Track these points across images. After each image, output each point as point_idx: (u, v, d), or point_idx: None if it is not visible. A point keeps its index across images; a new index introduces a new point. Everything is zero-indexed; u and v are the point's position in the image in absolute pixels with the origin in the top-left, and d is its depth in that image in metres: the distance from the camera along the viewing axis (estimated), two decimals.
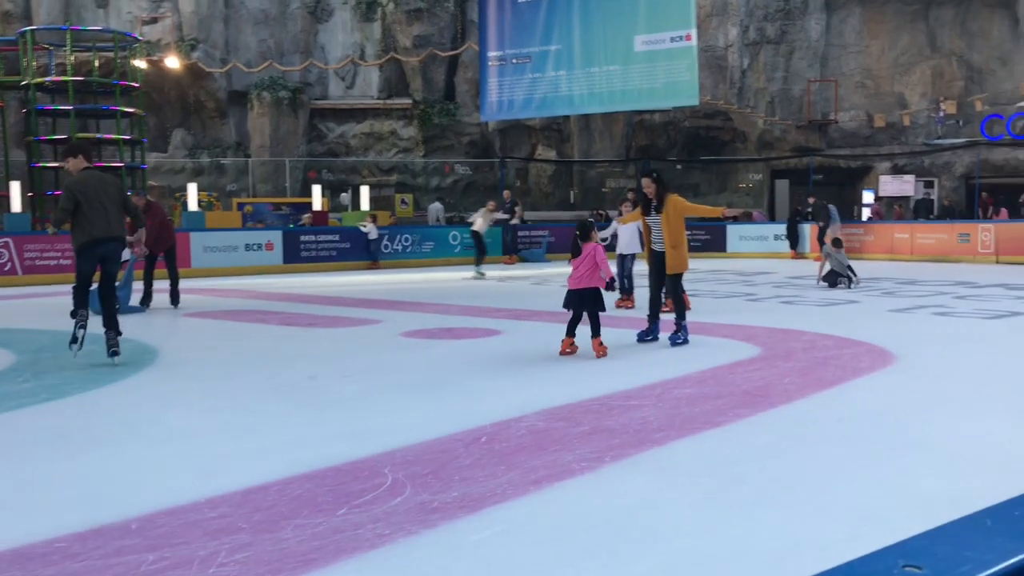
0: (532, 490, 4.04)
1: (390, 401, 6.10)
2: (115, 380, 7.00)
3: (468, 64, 30.24)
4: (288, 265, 20.32)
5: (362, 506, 3.80)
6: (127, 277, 11.99)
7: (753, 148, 30.59)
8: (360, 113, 31.67)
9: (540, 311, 11.61)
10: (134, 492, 4.10)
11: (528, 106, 24.08)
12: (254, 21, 30.88)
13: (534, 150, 31.49)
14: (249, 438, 5.13)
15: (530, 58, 23.46)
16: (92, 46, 26.04)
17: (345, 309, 12.27)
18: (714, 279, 16.78)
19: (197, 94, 30.18)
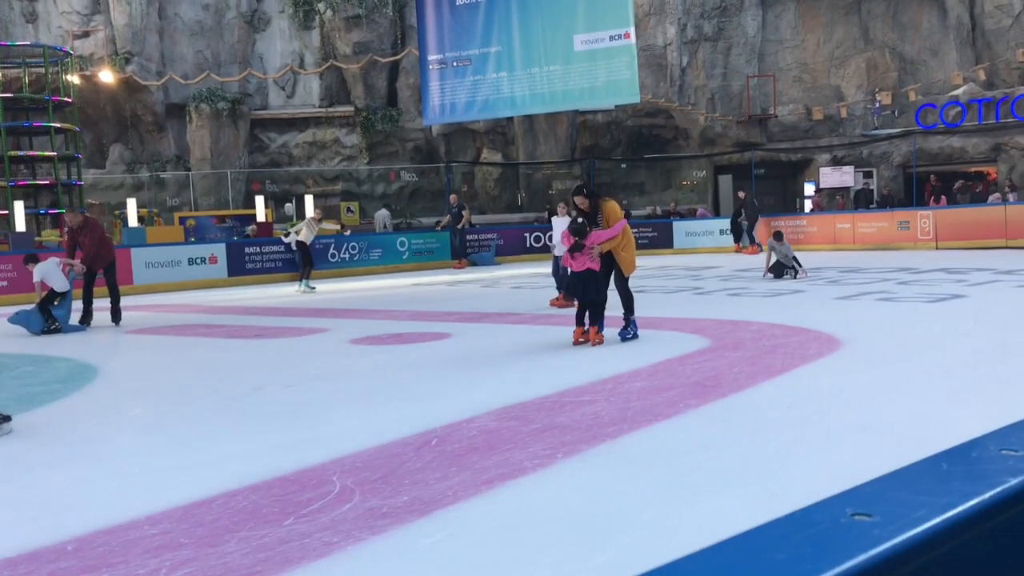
0: (484, 490, 3.97)
1: (338, 408, 5.99)
2: (52, 400, 6.77)
3: (409, 70, 30.09)
4: (233, 278, 19.98)
5: (309, 515, 3.70)
6: (67, 296, 11.75)
7: (696, 145, 30.90)
8: (302, 122, 31.33)
9: (490, 312, 11.57)
10: (70, 513, 3.94)
11: (470, 109, 24.03)
12: (189, 32, 30.39)
13: (479, 153, 31.44)
14: (192, 452, 4.98)
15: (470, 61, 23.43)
16: (22, 61, 25.43)
17: (293, 319, 12.09)
18: (662, 275, 16.88)
19: (134, 108, 29.59)
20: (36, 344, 10.44)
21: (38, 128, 24.38)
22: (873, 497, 0.96)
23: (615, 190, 29.85)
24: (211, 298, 16.52)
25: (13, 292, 17.13)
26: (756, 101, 30.44)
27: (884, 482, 1.01)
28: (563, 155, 30.90)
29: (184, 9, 30.27)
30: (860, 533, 0.87)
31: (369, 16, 29.91)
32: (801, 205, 29.53)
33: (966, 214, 21.93)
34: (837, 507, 0.94)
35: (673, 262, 21.00)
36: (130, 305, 15.61)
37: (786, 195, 31.59)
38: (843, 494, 0.98)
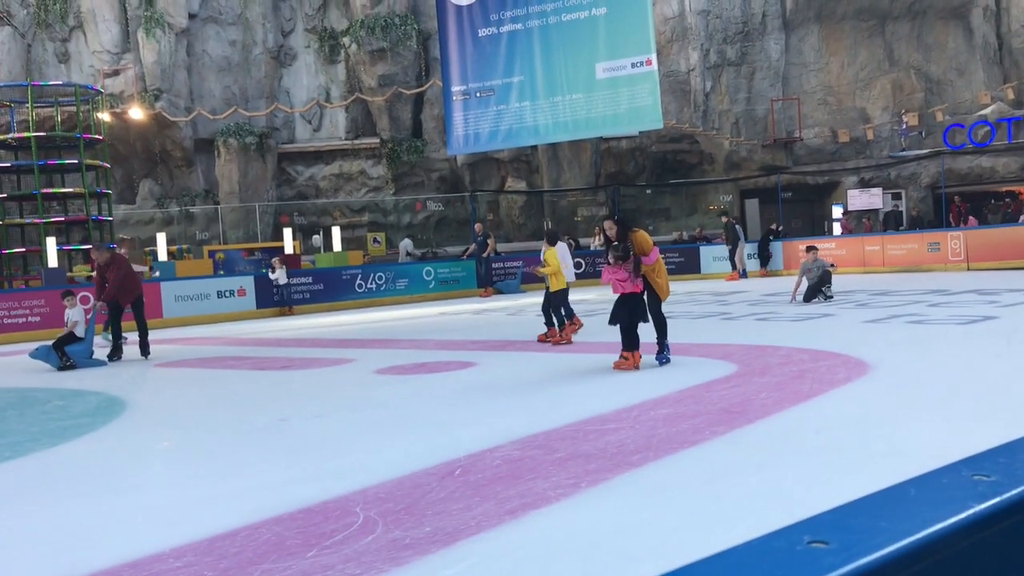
0: (507, 520, 3.94)
1: (363, 439, 5.99)
2: (81, 435, 6.83)
3: (433, 101, 30.36)
4: (261, 310, 20.14)
5: (332, 547, 3.69)
6: (88, 331, 11.83)
7: (721, 169, 30.85)
8: (328, 155, 31.66)
9: (515, 341, 11.55)
10: (97, 546, 3.96)
11: (494, 138, 24.16)
12: (217, 68, 30.89)
13: (504, 182, 31.57)
14: (217, 485, 5.00)
15: (493, 91, 23.58)
16: (54, 101, 25.95)
17: (319, 350, 12.14)
18: (689, 300, 16.79)
19: (163, 144, 30.07)
20: (65, 379, 10.55)
21: (70, 165, 24.82)
22: (832, 524, 0.95)
23: (640, 216, 29.84)
24: (239, 330, 16.65)
25: (46, 327, 17.37)
26: (781, 124, 30.37)
27: (846, 509, 1.00)
28: (587, 182, 30.95)
29: (212, 46, 30.80)
30: (813, 560, 0.86)
31: (393, 49, 30.26)
32: (829, 228, 29.32)
33: (997, 234, 21.64)
34: (795, 535, 0.93)
35: (700, 287, 20.89)
36: (160, 339, 15.78)
37: (814, 218, 31.40)
38: (802, 522, 0.97)
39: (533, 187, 31.39)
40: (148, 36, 28.94)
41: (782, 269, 24.10)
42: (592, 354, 9.67)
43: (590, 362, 9.09)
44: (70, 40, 30.13)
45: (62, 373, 11.14)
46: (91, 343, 11.90)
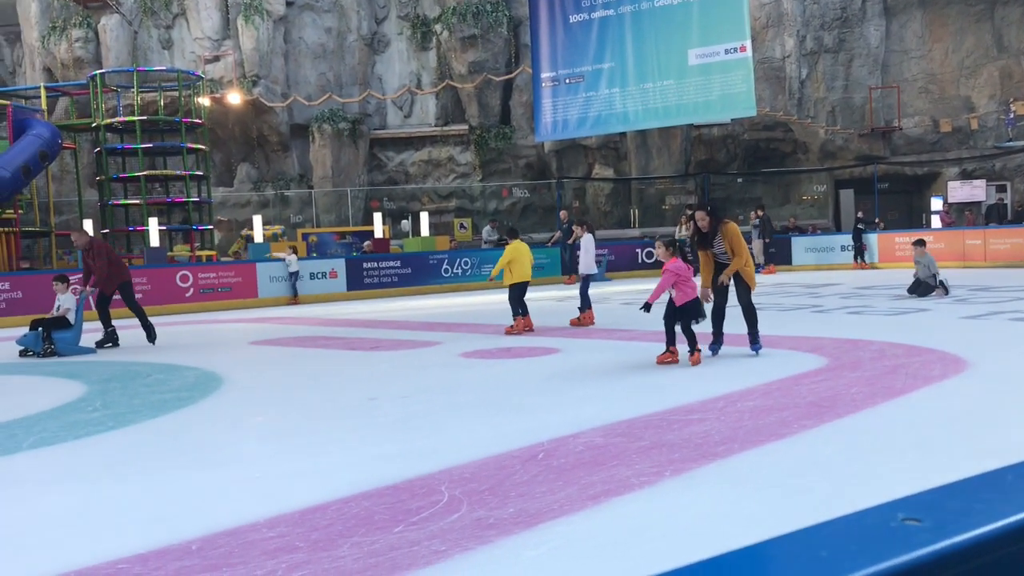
0: (589, 505, 3.98)
1: (448, 420, 6.09)
2: (180, 407, 7.13)
3: (523, 87, 30.40)
4: (352, 292, 20.57)
5: (418, 523, 3.78)
6: (78, 318, 11.54)
7: (815, 158, 30.09)
8: (418, 141, 32.05)
9: (599, 329, 11.54)
10: (195, 514, 4.15)
11: (583, 125, 24.08)
12: (313, 55, 31.53)
13: (591, 169, 31.44)
14: (308, 459, 5.16)
15: (583, 77, 23.49)
16: (158, 86, 26.90)
17: (406, 333, 12.35)
18: (779, 292, 16.48)
19: (260, 128, 30.88)
20: (164, 354, 10.99)
21: (171, 149, 25.72)
22: (927, 504, 0.96)
23: (731, 205, 29.36)
24: (330, 311, 17.05)
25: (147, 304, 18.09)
26: (879, 113, 29.44)
27: (941, 491, 1.00)
28: (677, 170, 30.59)
29: (308, 33, 31.44)
30: (906, 536, 0.87)
31: (484, 36, 30.39)
32: (928, 220, 28.34)
33: None
34: (890, 512, 0.94)
35: (791, 279, 20.47)
36: (254, 317, 16.30)
37: (911, 210, 30.40)
38: (898, 500, 0.98)
39: (621, 174, 31.18)
40: (247, 23, 29.73)
41: (878, 262, 23.43)
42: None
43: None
44: (173, 27, 31.17)
45: (159, 350, 11.57)
46: (80, 330, 11.60)
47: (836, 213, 30.38)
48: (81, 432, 6.22)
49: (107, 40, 30.00)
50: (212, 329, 14.72)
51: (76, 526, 4.09)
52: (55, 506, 4.45)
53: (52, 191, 26.15)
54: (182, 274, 18.87)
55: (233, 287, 19.22)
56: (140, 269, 19.10)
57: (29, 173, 21.56)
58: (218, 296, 18.92)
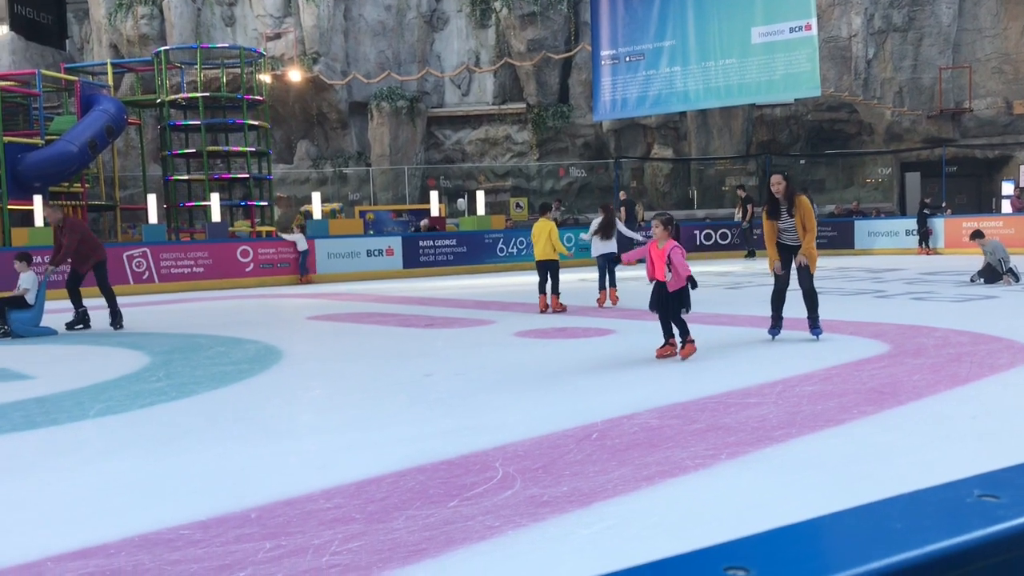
0: (644, 486, 3.96)
1: (502, 398, 6.11)
2: (241, 379, 7.26)
3: (581, 65, 30.18)
4: (408, 270, 20.72)
5: (472, 498, 3.81)
6: (39, 298, 11.01)
7: (881, 140, 29.39)
8: (475, 119, 32.05)
9: None
10: (254, 484, 4.23)
11: (642, 104, 23.82)
12: (372, 33, 31.67)
13: (649, 149, 31.14)
14: (364, 433, 5.23)
15: (643, 55, 23.21)
16: (220, 63, 27.28)
17: (461, 311, 12.41)
18: (841, 276, 16.18)
19: (320, 106, 31.16)
20: (225, 327, 11.19)
21: (233, 125, 26.10)
22: (1004, 481, 0.95)
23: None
24: (387, 288, 17.20)
25: (209, 277, 18.47)
26: (949, 94, 28.60)
27: (1019, 469, 0.98)
28: (737, 150, 30.14)
29: (368, 10, 31.58)
30: (982, 512, 0.86)
31: (544, 13, 30.21)
32: (998, 205, 27.52)
33: None
34: (966, 488, 0.93)
35: (853, 263, 20.08)
36: (313, 293, 16.52)
37: (980, 194, 29.54)
38: (975, 477, 0.97)
39: (680, 155, 30.83)
40: (308, 1, 29.95)
41: (943, 247, 22.86)
42: (734, 327, 9.50)
43: (732, 335, 8.93)
44: (236, 4, 31.54)
45: (221, 324, 11.78)
46: (41, 310, 11.07)
47: (901, 197, 29.67)
48: (145, 401, 6.38)
49: (171, 17, 30.48)
50: (271, 304, 14.96)
51: (139, 493, 4.20)
52: (119, 473, 4.58)
53: (117, 166, 26.75)
54: (242, 249, 19.19)
55: (292, 263, 19.50)
56: (201, 244, 19.47)
57: (96, 148, 22.07)
58: (276, 271, 19.21)
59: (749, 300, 12.32)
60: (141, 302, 15.50)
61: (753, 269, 18.90)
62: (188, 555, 3.27)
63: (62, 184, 23.12)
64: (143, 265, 18.02)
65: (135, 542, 3.43)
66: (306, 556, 3.22)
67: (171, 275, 18.23)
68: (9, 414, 6.05)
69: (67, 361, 8.73)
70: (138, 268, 17.95)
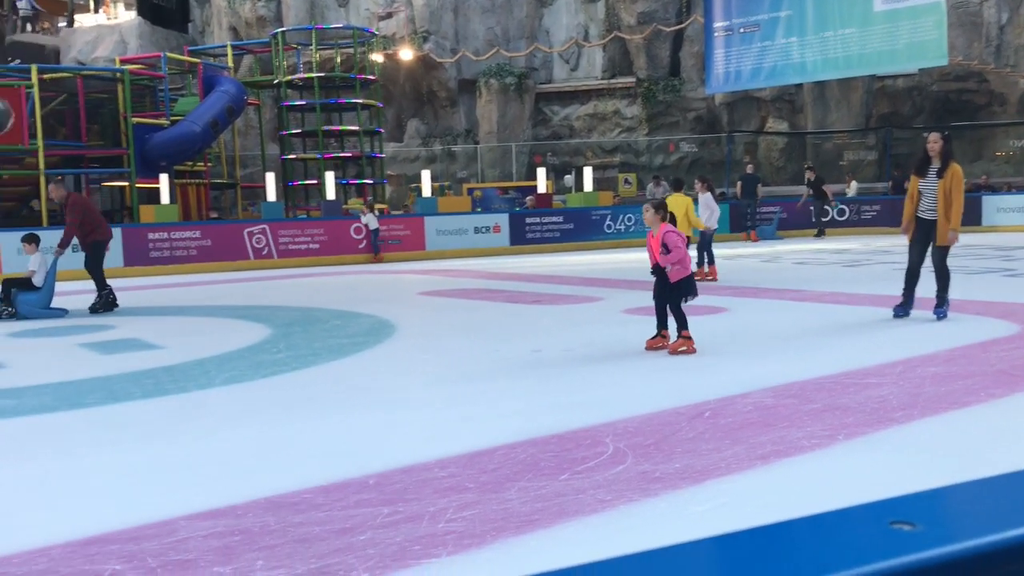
0: (758, 465, 3.91)
1: (611, 374, 6.10)
2: (357, 351, 7.47)
3: (693, 38, 29.57)
4: (515, 247, 20.83)
5: (584, 472, 3.83)
6: (48, 279, 10.75)
7: (1014, 111, 27.82)
8: (584, 95, 31.84)
9: (768, 288, 11.22)
10: (372, 451, 4.36)
11: (756, 76, 23.21)
12: (482, 10, 31.78)
13: (764, 123, 30.33)
14: (475, 406, 5.31)
15: (759, 26, 22.58)
16: (334, 43, 27.87)
17: (568, 287, 12.41)
18: (967, 254, 15.46)
19: (429, 84, 31.53)
20: (340, 301, 11.51)
21: (347, 105, 26.66)
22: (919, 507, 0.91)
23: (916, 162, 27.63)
24: (494, 265, 17.35)
25: (324, 254, 19.01)
26: None
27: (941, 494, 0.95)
28: (856, 123, 29.04)
29: None
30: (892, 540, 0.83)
31: None
32: None
33: None
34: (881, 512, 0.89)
35: (981, 240, 19.14)
36: (422, 269, 16.81)
37: None
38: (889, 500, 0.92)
39: (796, 128, 29.92)
40: None
41: None
42: (852, 306, 9.22)
43: (850, 314, 8.67)
44: None
45: (339, 296, 12.12)
46: (50, 292, 10.81)
47: None
48: (267, 371, 6.64)
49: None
50: (383, 279, 15.29)
51: (263, 457, 4.39)
52: (244, 438, 4.79)
53: (238, 145, 27.72)
54: (356, 226, 19.65)
55: (403, 239, 19.87)
56: (317, 221, 20.04)
57: (217, 127, 22.92)
58: (388, 248, 19.60)
59: (868, 278, 11.92)
60: (260, 276, 16.10)
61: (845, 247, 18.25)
62: (311, 518, 3.41)
63: (186, 163, 24.12)
64: (262, 241, 18.68)
65: (261, 504, 3.59)
66: (422, 522, 3.31)
67: (288, 251, 18.84)
68: (142, 381, 6.39)
69: (194, 332, 9.15)
70: (258, 244, 18.61)
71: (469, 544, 3.11)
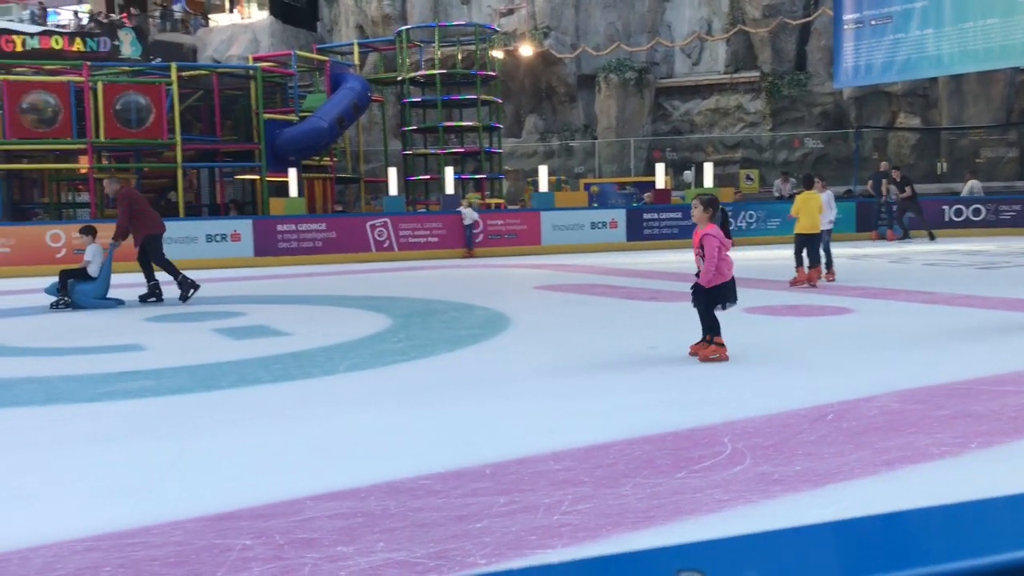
0: (883, 471, 3.78)
1: (731, 373, 6.01)
2: (474, 343, 7.59)
3: (821, 31, 28.66)
4: (631, 243, 20.68)
5: (701, 471, 3.79)
6: (103, 270, 10.97)
7: None
8: (706, 89, 31.31)
9: (897, 290, 10.80)
10: (487, 441, 4.43)
11: (888, 70, 22.34)
12: (603, 5, 31.63)
13: (894, 118, 29.12)
14: (591, 400, 5.32)
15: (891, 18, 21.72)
16: (456, 40, 28.26)
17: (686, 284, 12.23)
18: None
19: (549, 79, 31.59)
20: (457, 294, 11.69)
21: (467, 101, 27.01)
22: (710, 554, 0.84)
23: None
24: (610, 261, 17.27)
25: (443, 247, 19.33)
26: None
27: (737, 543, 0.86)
28: (995, 119, 27.55)
29: None
30: None
31: None
32: None
33: None
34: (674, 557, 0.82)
35: None
36: (537, 264, 16.88)
37: None
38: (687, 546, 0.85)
39: (929, 124, 28.62)
40: None
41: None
42: (987, 310, 8.78)
43: (984, 318, 8.27)
44: None
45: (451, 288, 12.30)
46: (105, 283, 11.02)
47: None
48: (388, 360, 6.82)
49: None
50: (499, 273, 15.45)
51: (383, 443, 4.52)
52: (366, 424, 4.94)
53: (362, 140, 28.47)
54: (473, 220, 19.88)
55: (519, 234, 20.01)
56: (436, 215, 20.40)
57: (343, 123, 23.58)
58: (504, 242, 19.78)
59: (1005, 281, 11.34)
60: (382, 268, 16.51)
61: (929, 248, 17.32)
62: (429, 504, 3.49)
63: (313, 158, 24.92)
64: (384, 234, 19.14)
65: (382, 488, 3.70)
66: (537, 513, 3.34)
67: (408, 244, 19.25)
68: (270, 366, 6.67)
69: (319, 321, 9.47)
70: (379, 237, 19.08)
71: (584, 537, 3.13)
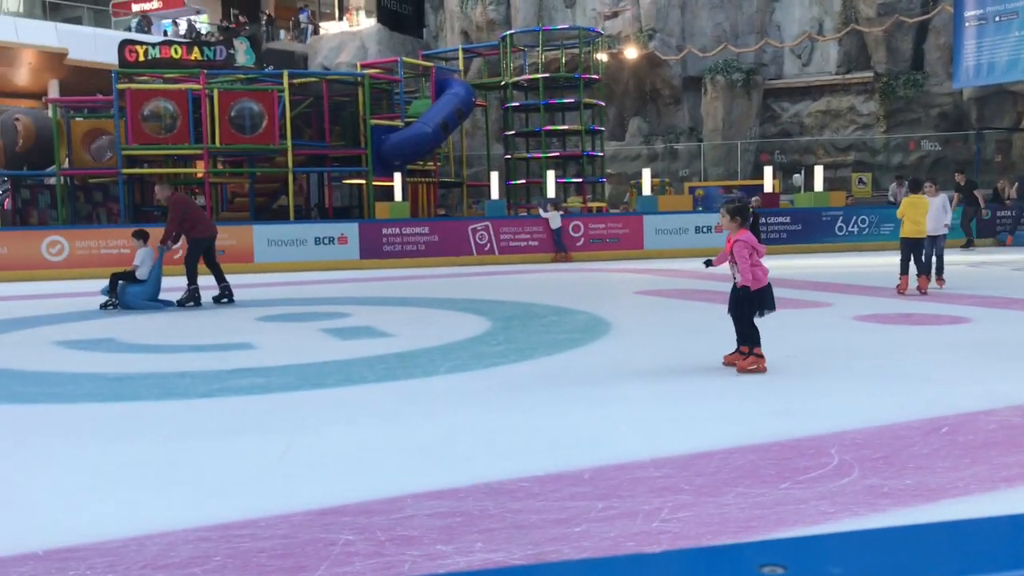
0: (1001, 487, 3.60)
1: (839, 383, 5.82)
2: (573, 347, 7.58)
3: (940, 29, 27.54)
4: None
5: (806, 482, 3.69)
6: (153, 273, 11.33)
7: None
8: (816, 90, 30.49)
9: (1018, 299, 10.29)
10: (586, 445, 4.41)
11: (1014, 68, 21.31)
12: (710, 6, 31.17)
13: (1019, 119, 27.75)
14: (691, 407, 5.24)
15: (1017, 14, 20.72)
16: (560, 44, 28.29)
17: (795, 291, 11.94)
18: None
19: (653, 82, 31.31)
20: (557, 297, 11.70)
21: (569, 104, 27.00)
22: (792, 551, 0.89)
23: None
24: None
25: (542, 251, 19.36)
26: None
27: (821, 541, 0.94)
28: None
29: None
30: None
31: None
32: None
33: None
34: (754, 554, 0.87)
35: None
36: (639, 268, 16.74)
37: None
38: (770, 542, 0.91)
39: None
40: None
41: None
42: None
43: None
44: None
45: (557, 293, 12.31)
46: (155, 286, 11.36)
47: None
48: (488, 362, 6.87)
49: (516, 2, 32.12)
50: (601, 277, 15.38)
51: (483, 444, 4.55)
52: (466, 424, 4.99)
53: (465, 145, 28.77)
54: (574, 224, 19.88)
55: (621, 238, 19.88)
56: (536, 219, 20.46)
57: (447, 128, 23.89)
58: (606, 246, 19.69)
59: None
60: (483, 272, 16.66)
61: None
62: (528, 506, 3.50)
63: (417, 162, 25.34)
64: (485, 238, 19.31)
65: (481, 489, 3.73)
66: (636, 519, 3.31)
67: (509, 247, 19.37)
68: (375, 366, 6.81)
69: (421, 322, 9.62)
70: (481, 240, 19.27)
71: (684, 545, 3.08)
